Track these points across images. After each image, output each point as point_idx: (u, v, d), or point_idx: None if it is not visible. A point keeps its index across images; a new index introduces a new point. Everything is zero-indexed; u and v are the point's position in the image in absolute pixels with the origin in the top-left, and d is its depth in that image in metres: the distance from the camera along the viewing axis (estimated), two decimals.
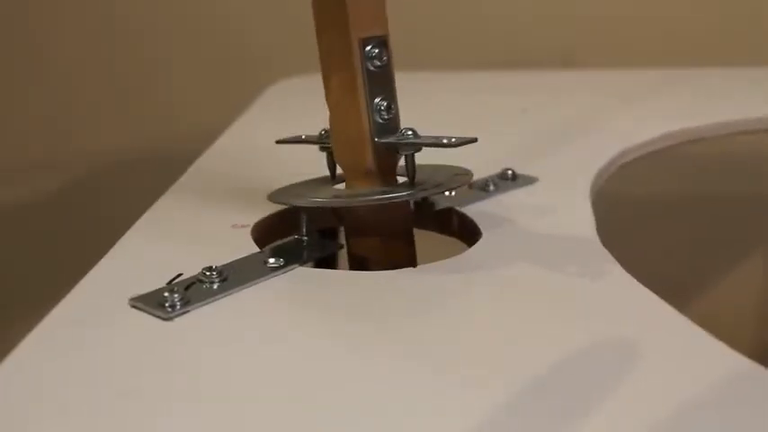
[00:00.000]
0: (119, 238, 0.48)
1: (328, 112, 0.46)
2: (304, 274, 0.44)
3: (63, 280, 0.44)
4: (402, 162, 0.46)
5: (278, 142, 0.50)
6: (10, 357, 0.35)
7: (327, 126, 0.47)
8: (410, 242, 0.48)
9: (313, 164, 0.50)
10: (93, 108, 1.16)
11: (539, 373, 0.34)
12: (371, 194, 0.45)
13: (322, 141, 0.48)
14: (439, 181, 0.46)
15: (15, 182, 1.19)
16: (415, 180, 0.45)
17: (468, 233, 0.50)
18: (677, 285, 0.43)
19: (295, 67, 0.85)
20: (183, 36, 1.12)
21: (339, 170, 0.48)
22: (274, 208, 0.50)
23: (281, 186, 0.50)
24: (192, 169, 0.58)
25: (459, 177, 0.47)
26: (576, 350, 0.36)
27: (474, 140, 0.44)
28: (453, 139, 0.44)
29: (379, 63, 0.44)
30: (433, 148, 0.45)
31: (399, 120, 0.46)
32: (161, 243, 0.48)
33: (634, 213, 1.04)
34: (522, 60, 1.04)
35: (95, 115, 1.16)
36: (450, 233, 0.52)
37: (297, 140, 0.50)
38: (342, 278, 0.44)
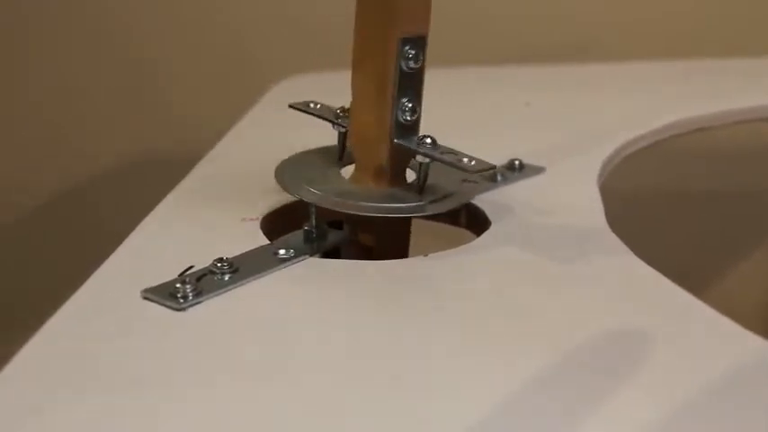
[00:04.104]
0: (126, 236, 0.48)
1: (350, 102, 0.46)
2: (314, 265, 0.44)
3: (68, 280, 0.44)
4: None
5: (291, 106, 0.50)
6: (25, 348, 0.35)
7: (344, 106, 0.47)
8: (407, 233, 0.49)
9: None
10: (98, 110, 1.16)
11: (553, 361, 0.34)
12: (378, 199, 0.45)
13: (337, 121, 0.48)
14: (447, 190, 0.46)
15: (18, 183, 1.19)
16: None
17: (476, 223, 0.50)
18: (684, 277, 0.43)
19: (297, 67, 0.85)
20: (184, 38, 1.12)
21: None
22: (283, 200, 0.50)
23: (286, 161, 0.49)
24: (199, 166, 0.59)
25: (468, 186, 0.47)
26: (592, 336, 0.36)
27: (493, 167, 0.44)
28: (473, 162, 0.43)
29: (413, 65, 0.44)
30: (440, 137, 0.45)
31: (420, 123, 0.46)
32: (171, 237, 0.48)
33: (639, 206, 1.04)
34: (522, 56, 1.04)
35: (100, 117, 1.16)
36: (459, 223, 0.52)
37: (310, 111, 0.49)
38: (352, 268, 0.44)
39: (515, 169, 0.55)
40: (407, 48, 0.43)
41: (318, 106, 0.49)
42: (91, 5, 1.13)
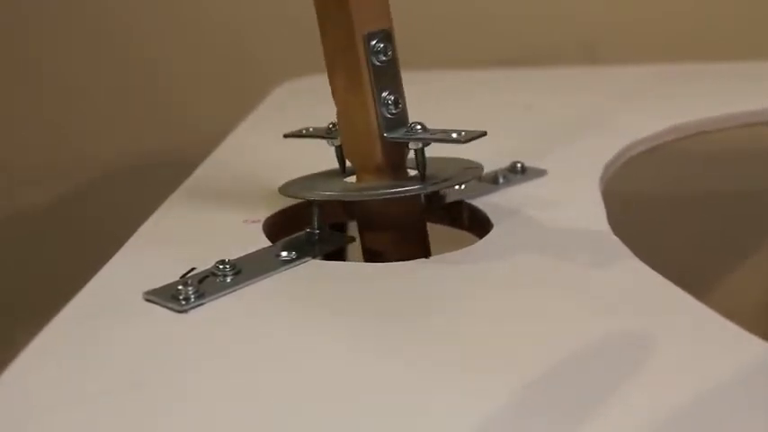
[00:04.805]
0: (127, 238, 0.48)
1: (336, 109, 0.46)
2: (316, 267, 0.44)
3: (68, 281, 0.44)
4: (412, 155, 0.46)
5: (285, 136, 0.50)
6: (28, 349, 0.35)
7: (335, 120, 0.47)
8: (423, 234, 0.49)
9: (323, 160, 0.50)
10: (98, 110, 1.16)
11: (553, 362, 0.34)
12: (382, 188, 0.45)
13: (330, 135, 0.48)
14: (449, 175, 0.46)
15: (18, 183, 1.19)
16: (426, 173, 0.45)
17: (478, 225, 0.50)
18: (685, 279, 0.43)
19: (298, 69, 0.85)
20: (184, 38, 1.12)
21: (349, 163, 0.48)
22: (285, 203, 0.50)
23: (291, 179, 0.50)
24: (201, 168, 0.59)
25: (470, 171, 0.47)
26: (594, 338, 0.36)
27: (483, 134, 0.44)
28: (462, 134, 0.44)
29: (384, 57, 0.44)
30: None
31: (407, 114, 0.46)
32: (173, 239, 0.48)
33: (641, 209, 1.04)
34: (524, 58, 1.04)
35: (100, 117, 1.16)
36: (461, 226, 0.52)
37: (303, 135, 0.50)
38: (354, 270, 0.44)
39: (517, 172, 0.55)
40: (374, 42, 0.43)
41: (311, 129, 0.50)
42: (91, 5, 1.13)
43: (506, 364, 0.34)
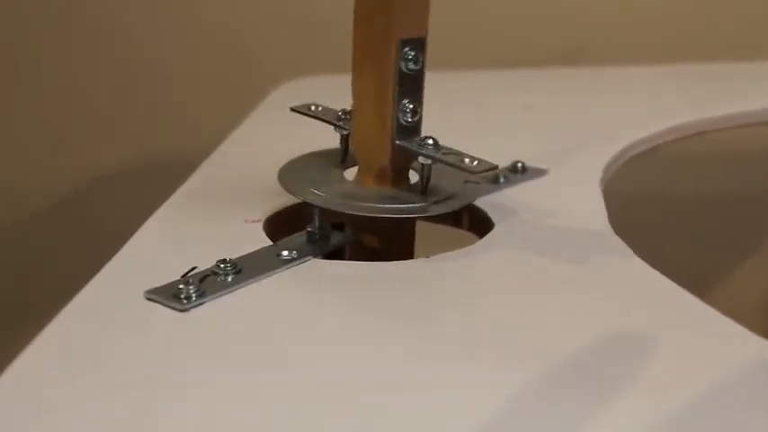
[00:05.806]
0: (128, 239, 0.47)
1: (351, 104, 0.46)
2: (317, 266, 0.44)
3: (69, 281, 0.44)
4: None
5: (292, 110, 0.50)
6: (28, 349, 0.35)
7: (346, 108, 0.47)
8: (411, 234, 0.49)
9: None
10: (98, 110, 1.16)
11: (554, 362, 0.34)
12: (382, 202, 0.45)
13: (338, 123, 0.48)
14: (451, 191, 0.46)
15: (18, 184, 1.19)
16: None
17: (479, 225, 0.50)
18: (685, 278, 0.43)
19: (298, 69, 0.85)
20: (184, 38, 1.12)
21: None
22: (286, 202, 0.50)
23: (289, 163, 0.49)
24: (201, 167, 0.58)
25: (471, 186, 0.47)
26: (595, 338, 0.36)
27: (495, 167, 0.44)
28: (475, 163, 0.43)
29: (413, 66, 0.44)
30: (443, 140, 0.45)
31: (421, 125, 0.46)
32: (174, 239, 0.48)
33: (641, 208, 1.04)
34: (524, 59, 1.04)
35: (100, 117, 1.16)
36: (461, 225, 0.52)
37: (312, 114, 0.49)
38: (354, 270, 0.44)
39: (518, 171, 0.55)
40: (407, 49, 0.44)
41: (320, 109, 0.49)
42: (91, 5, 1.13)
43: (506, 363, 0.34)
